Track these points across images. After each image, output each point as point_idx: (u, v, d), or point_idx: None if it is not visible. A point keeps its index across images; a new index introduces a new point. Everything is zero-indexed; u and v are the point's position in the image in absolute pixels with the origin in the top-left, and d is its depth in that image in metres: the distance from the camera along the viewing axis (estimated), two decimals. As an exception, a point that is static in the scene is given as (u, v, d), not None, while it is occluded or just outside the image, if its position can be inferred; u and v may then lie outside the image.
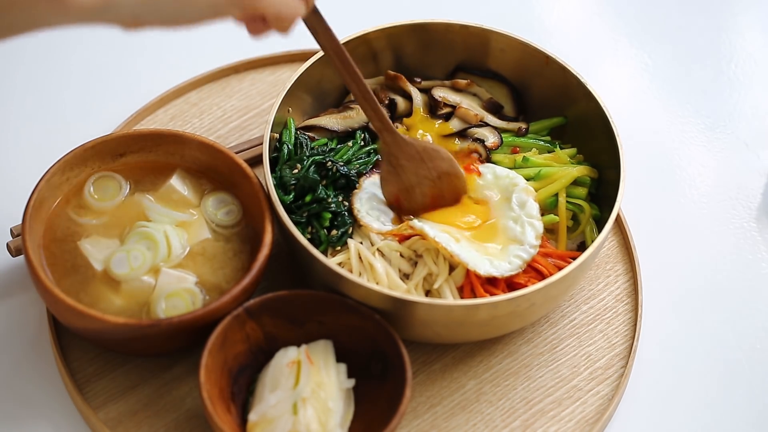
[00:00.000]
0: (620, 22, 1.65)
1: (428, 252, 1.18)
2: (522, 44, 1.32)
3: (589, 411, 1.20)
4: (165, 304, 1.13)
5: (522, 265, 1.18)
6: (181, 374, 1.18)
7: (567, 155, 1.29)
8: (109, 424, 1.14)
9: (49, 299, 1.11)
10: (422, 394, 1.20)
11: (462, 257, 1.16)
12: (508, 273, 1.17)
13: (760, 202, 1.42)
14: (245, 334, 1.13)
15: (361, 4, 1.61)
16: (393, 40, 1.35)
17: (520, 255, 1.19)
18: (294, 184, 1.22)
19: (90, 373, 1.17)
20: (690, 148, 1.49)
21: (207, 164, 1.23)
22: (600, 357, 1.24)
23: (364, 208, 1.22)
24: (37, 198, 1.15)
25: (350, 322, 1.14)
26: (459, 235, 1.19)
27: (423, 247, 1.18)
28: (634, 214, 1.37)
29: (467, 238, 1.20)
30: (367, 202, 1.23)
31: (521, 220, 1.21)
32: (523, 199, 1.22)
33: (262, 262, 1.14)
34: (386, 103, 1.34)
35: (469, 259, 1.16)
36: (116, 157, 1.23)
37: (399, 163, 1.22)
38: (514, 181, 1.24)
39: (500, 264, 1.18)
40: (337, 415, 1.09)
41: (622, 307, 1.28)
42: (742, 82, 1.57)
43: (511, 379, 1.22)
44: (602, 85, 1.34)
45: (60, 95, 1.44)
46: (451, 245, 1.16)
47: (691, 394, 1.24)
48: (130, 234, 1.17)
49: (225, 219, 1.22)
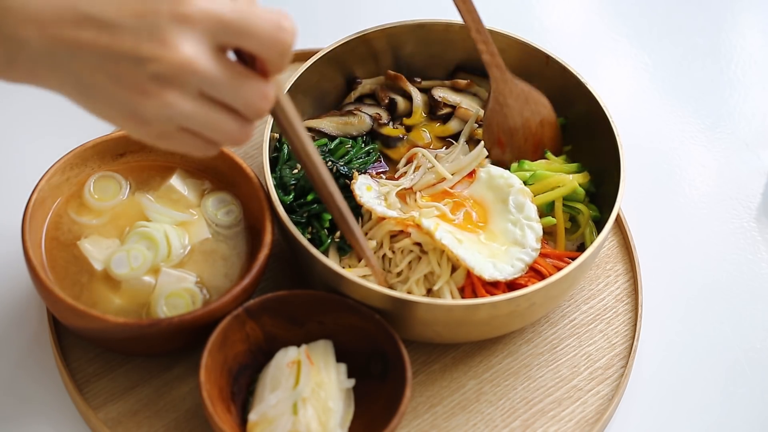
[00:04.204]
0: (620, 22, 1.65)
1: (434, 252, 1.17)
2: (522, 44, 1.32)
3: (589, 411, 1.20)
4: (165, 304, 1.13)
5: (524, 268, 1.18)
6: (181, 374, 1.18)
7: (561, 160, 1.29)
8: (109, 424, 1.14)
9: (49, 299, 1.11)
10: (422, 394, 1.20)
11: (467, 261, 1.15)
12: (512, 276, 1.17)
13: (760, 202, 1.42)
14: (245, 334, 1.13)
15: (361, 4, 1.61)
16: (393, 40, 1.35)
17: (522, 258, 1.18)
18: (294, 184, 1.23)
19: (90, 373, 1.17)
20: (690, 148, 1.49)
21: (207, 164, 1.24)
22: (600, 357, 1.24)
23: (365, 195, 1.22)
24: (37, 198, 1.15)
25: (350, 322, 1.14)
26: (462, 236, 1.19)
27: (431, 245, 1.18)
28: (634, 214, 1.37)
29: (469, 239, 1.20)
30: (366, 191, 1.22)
31: (520, 223, 1.21)
32: (521, 201, 1.22)
33: (262, 262, 1.14)
34: (386, 102, 1.34)
35: (474, 263, 1.16)
36: (116, 157, 1.23)
37: (506, 102, 1.19)
38: (509, 181, 1.23)
39: (504, 267, 1.17)
40: (337, 415, 1.10)
41: (622, 307, 1.28)
42: (742, 82, 1.57)
43: (511, 379, 1.22)
44: (602, 85, 1.34)
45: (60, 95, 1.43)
46: (456, 249, 1.16)
47: (691, 393, 1.24)
48: (130, 234, 1.17)
49: (225, 219, 1.22)
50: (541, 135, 1.20)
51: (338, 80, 1.35)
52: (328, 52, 1.30)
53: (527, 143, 1.20)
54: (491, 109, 1.19)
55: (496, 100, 1.18)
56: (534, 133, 1.19)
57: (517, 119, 1.19)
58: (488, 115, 1.20)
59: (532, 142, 1.19)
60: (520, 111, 1.19)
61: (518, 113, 1.19)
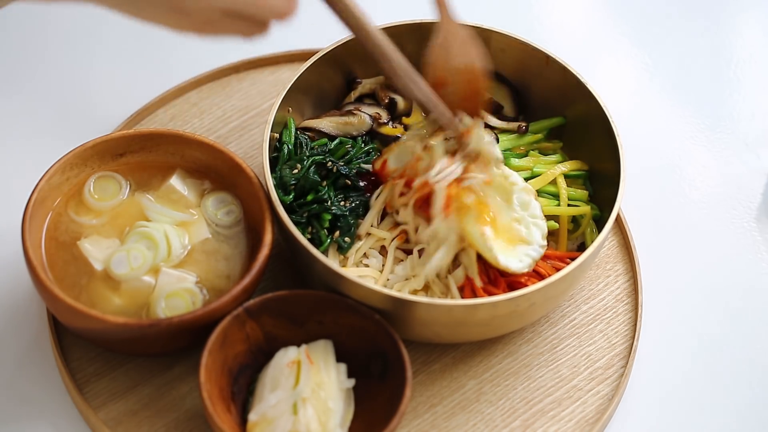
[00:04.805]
0: (620, 22, 1.65)
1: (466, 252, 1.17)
2: (522, 44, 1.32)
3: (589, 411, 1.20)
4: (165, 304, 1.13)
5: (531, 264, 1.18)
6: (181, 374, 1.18)
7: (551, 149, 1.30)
8: (109, 424, 1.14)
9: (49, 299, 1.11)
10: (422, 394, 1.20)
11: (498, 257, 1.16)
12: (520, 271, 1.17)
13: (760, 202, 1.42)
14: (245, 334, 1.13)
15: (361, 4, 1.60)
16: (393, 40, 1.34)
17: (530, 254, 1.18)
18: (294, 184, 1.23)
19: (90, 373, 1.17)
20: (690, 148, 1.49)
21: (207, 164, 1.24)
22: (600, 357, 1.24)
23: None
24: (37, 198, 1.15)
25: (350, 322, 1.14)
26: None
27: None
28: (634, 214, 1.37)
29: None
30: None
31: (525, 220, 1.21)
32: (525, 199, 1.22)
33: (262, 262, 1.14)
34: (386, 102, 1.34)
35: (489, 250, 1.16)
36: (116, 157, 1.23)
37: (450, 42, 1.18)
38: (510, 179, 1.23)
39: (512, 260, 1.17)
40: (337, 415, 1.10)
41: (622, 307, 1.28)
42: (742, 82, 1.57)
43: (511, 379, 1.22)
44: (602, 85, 1.34)
45: (60, 95, 1.44)
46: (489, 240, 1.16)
47: (691, 394, 1.24)
48: (130, 234, 1.17)
49: (225, 219, 1.22)
50: (478, 83, 1.20)
51: (338, 80, 1.35)
52: (328, 52, 1.30)
53: (469, 86, 1.20)
54: (437, 45, 1.19)
55: (444, 38, 1.19)
56: (475, 79, 1.19)
57: (459, 61, 1.19)
58: (432, 51, 1.20)
59: (472, 88, 1.19)
60: (462, 54, 1.19)
61: (461, 56, 1.19)
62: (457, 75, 1.21)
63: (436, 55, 1.22)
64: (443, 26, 1.22)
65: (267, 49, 1.45)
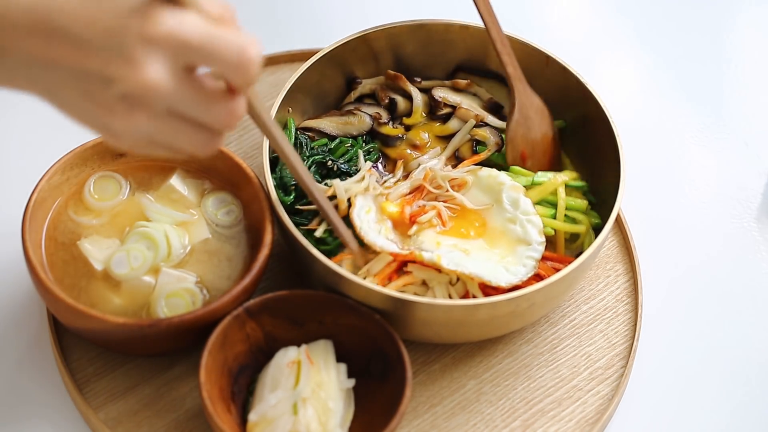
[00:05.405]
0: (620, 22, 1.65)
1: (440, 285, 1.16)
2: (522, 44, 1.32)
3: (589, 411, 1.20)
4: (165, 304, 1.13)
5: (535, 265, 1.17)
6: (181, 374, 1.18)
7: None
8: (109, 424, 1.14)
9: (49, 299, 1.11)
10: (422, 394, 1.20)
11: (483, 275, 1.14)
12: (527, 276, 1.16)
13: (760, 202, 1.42)
14: (245, 334, 1.13)
15: (361, 4, 1.61)
16: (393, 40, 1.35)
17: (531, 255, 1.18)
18: (294, 184, 1.23)
19: (90, 373, 1.17)
20: (690, 148, 1.49)
21: (207, 164, 1.24)
22: (600, 357, 1.24)
23: (364, 223, 1.20)
24: (37, 198, 1.15)
25: (350, 322, 1.14)
26: (467, 245, 1.18)
27: (435, 281, 1.16)
28: (634, 214, 1.37)
29: (475, 246, 1.19)
30: (365, 216, 1.21)
31: (519, 219, 1.20)
32: (514, 197, 1.21)
33: (262, 262, 1.14)
34: (386, 102, 1.34)
35: (489, 275, 1.14)
36: (116, 157, 1.23)
37: (528, 114, 1.20)
38: (498, 179, 1.22)
39: (517, 269, 1.17)
40: (337, 415, 1.10)
41: (622, 307, 1.28)
42: (742, 82, 1.57)
43: (511, 379, 1.22)
44: (602, 85, 1.34)
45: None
46: (467, 266, 1.15)
47: (691, 394, 1.24)
48: (130, 234, 1.17)
49: (225, 219, 1.22)
50: (554, 149, 1.22)
51: (338, 80, 1.35)
52: (328, 52, 1.30)
53: (545, 156, 1.22)
54: (516, 122, 1.21)
55: (521, 112, 1.21)
56: (551, 147, 1.21)
57: (537, 132, 1.21)
58: (513, 128, 1.22)
59: (549, 155, 1.21)
60: (539, 124, 1.21)
61: (538, 126, 1.21)
62: (536, 146, 1.22)
63: (514, 132, 1.23)
64: (519, 99, 1.23)
65: (267, 49, 1.45)
